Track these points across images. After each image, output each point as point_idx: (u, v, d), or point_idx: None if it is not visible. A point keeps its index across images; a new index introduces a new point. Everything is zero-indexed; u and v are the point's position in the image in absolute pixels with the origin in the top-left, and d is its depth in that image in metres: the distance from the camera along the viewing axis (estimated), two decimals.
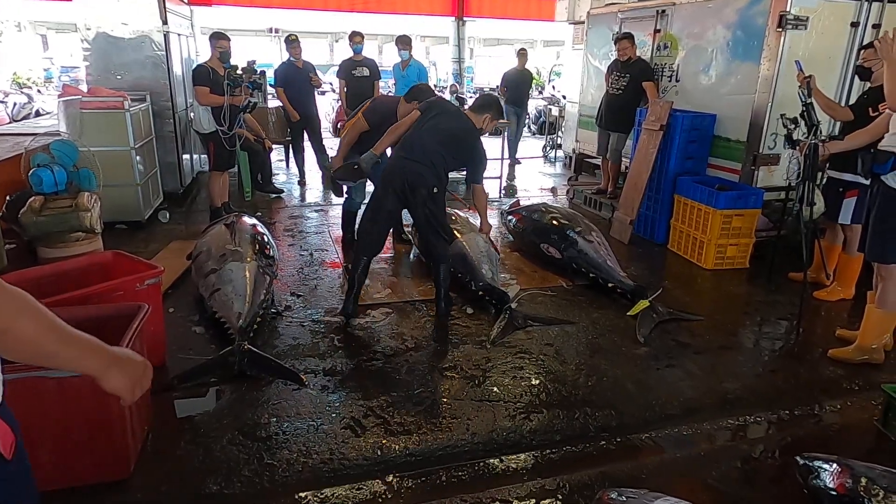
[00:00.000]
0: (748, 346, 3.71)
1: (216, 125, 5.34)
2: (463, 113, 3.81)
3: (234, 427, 2.66)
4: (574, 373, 3.24)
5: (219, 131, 5.37)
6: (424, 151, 3.54)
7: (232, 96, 5.33)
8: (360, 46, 7.14)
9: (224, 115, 5.32)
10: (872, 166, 3.20)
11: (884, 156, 3.13)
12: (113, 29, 5.92)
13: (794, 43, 4.57)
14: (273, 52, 21.21)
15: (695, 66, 5.58)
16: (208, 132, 5.43)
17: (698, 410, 2.95)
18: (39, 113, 13.65)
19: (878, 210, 3.19)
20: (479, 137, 3.76)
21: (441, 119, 3.63)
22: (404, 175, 3.54)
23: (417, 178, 3.52)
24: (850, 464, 2.15)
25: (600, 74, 6.86)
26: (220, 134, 5.38)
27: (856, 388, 3.16)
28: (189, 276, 4.06)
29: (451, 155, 3.63)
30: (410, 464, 2.48)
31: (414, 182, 3.53)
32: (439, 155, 3.56)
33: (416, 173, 3.52)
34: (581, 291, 4.32)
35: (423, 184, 3.53)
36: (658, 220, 5.46)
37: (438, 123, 3.61)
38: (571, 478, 2.39)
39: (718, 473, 2.47)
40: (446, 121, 3.65)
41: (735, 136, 5.09)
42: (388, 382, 3.09)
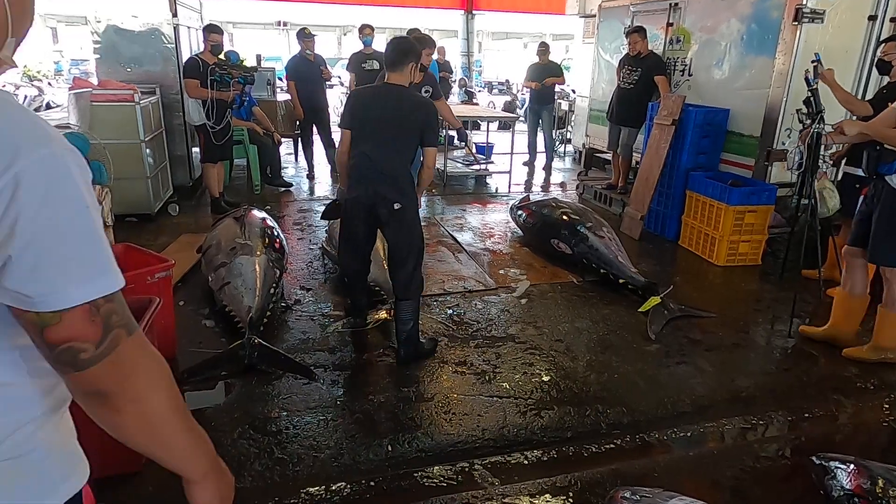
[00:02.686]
0: (760, 343, 3.67)
1: (205, 118, 5.41)
2: (383, 88, 3.16)
3: (244, 421, 2.66)
4: (585, 369, 3.22)
5: (206, 125, 5.44)
6: (372, 164, 3.03)
7: (219, 91, 5.34)
8: (370, 39, 7.10)
9: (210, 109, 5.34)
10: (878, 165, 3.13)
11: (890, 155, 3.05)
12: (123, 21, 5.91)
13: (811, 37, 4.50)
14: (281, 46, 21.21)
15: (708, 61, 5.52)
16: (198, 124, 5.53)
17: (710, 408, 2.93)
18: (50, 106, 13.72)
19: (881, 212, 3.12)
20: (415, 98, 3.16)
21: (369, 115, 3.07)
22: (364, 196, 3.08)
23: (377, 196, 3.04)
24: (868, 465, 2.12)
25: (611, 69, 6.80)
26: (207, 127, 5.44)
27: (871, 388, 3.13)
28: (199, 269, 4.07)
29: (400, 146, 3.06)
30: (421, 459, 2.48)
31: (375, 200, 3.05)
32: (385, 157, 3.03)
33: (373, 192, 3.04)
34: (591, 287, 4.29)
35: (383, 201, 3.03)
36: (669, 215, 5.42)
37: (371, 120, 3.06)
38: (583, 475, 2.38)
39: (731, 472, 2.45)
40: (375, 111, 3.06)
41: (748, 132, 5.04)
42: (398, 377, 3.08)
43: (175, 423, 0.87)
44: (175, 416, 0.86)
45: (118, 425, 0.82)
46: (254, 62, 8.75)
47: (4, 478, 0.81)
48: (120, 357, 0.77)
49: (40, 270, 0.69)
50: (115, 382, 0.78)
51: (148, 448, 0.87)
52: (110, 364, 0.76)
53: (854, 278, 3.36)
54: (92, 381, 0.77)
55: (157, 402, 0.83)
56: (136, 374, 0.80)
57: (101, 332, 0.75)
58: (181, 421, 0.88)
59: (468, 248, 5.10)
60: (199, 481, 0.95)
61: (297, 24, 13.73)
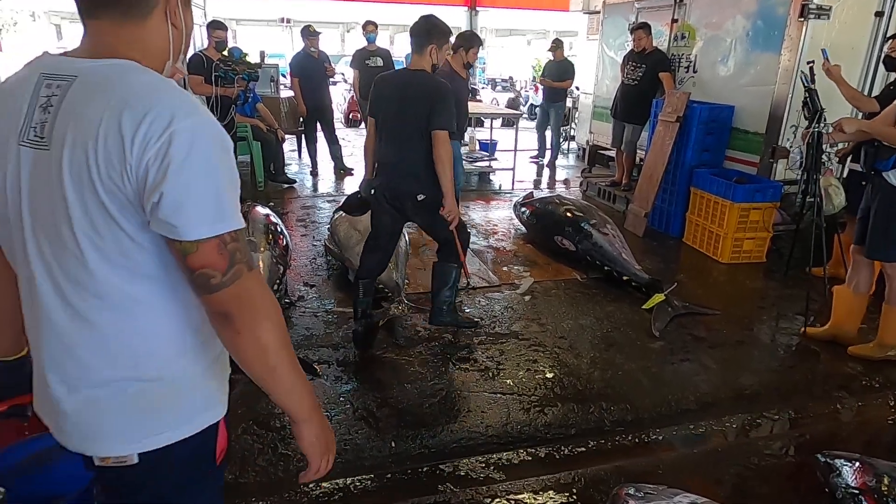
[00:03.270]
0: (765, 340, 3.66)
1: None
2: (404, 73, 3.11)
3: (248, 417, 2.66)
4: (589, 366, 3.21)
5: None
6: (390, 157, 3.02)
7: (223, 87, 5.34)
8: (373, 36, 7.10)
9: (213, 105, 5.34)
10: (875, 161, 3.13)
11: (887, 152, 3.05)
12: None
13: (817, 33, 4.48)
14: (285, 42, 21.20)
15: (713, 57, 5.50)
16: None
17: (714, 405, 2.92)
18: None
19: (878, 207, 3.12)
20: (431, 81, 2.95)
21: (388, 106, 2.98)
22: (386, 189, 3.07)
23: (397, 191, 3.03)
24: (873, 462, 2.11)
25: (615, 65, 6.78)
26: None
27: (876, 386, 3.11)
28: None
29: (415, 137, 2.91)
30: (424, 455, 2.48)
31: (396, 194, 3.04)
32: (402, 151, 2.96)
33: (394, 186, 3.03)
34: (595, 284, 4.28)
35: (405, 194, 3.01)
36: (673, 212, 5.41)
37: (387, 109, 2.98)
38: (586, 472, 2.38)
39: (735, 470, 2.44)
40: (390, 99, 2.98)
41: (753, 129, 5.02)
42: (401, 374, 3.08)
43: (284, 358, 1.01)
44: (284, 350, 1.01)
45: (238, 347, 0.98)
46: (257, 59, 8.75)
47: (149, 397, 1.00)
48: (241, 286, 0.94)
49: (183, 207, 0.88)
50: (236, 306, 0.94)
51: (262, 376, 1.01)
52: (233, 290, 0.94)
53: (859, 276, 3.35)
54: (218, 304, 0.94)
55: (270, 332, 0.98)
56: (254, 302, 0.96)
57: (227, 263, 0.93)
58: (289, 357, 1.02)
59: (472, 244, 5.09)
60: (304, 420, 1.08)
61: (301, 20, 13.72)
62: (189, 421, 1.04)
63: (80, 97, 0.91)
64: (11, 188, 0.96)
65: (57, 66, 0.96)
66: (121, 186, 0.88)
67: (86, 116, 0.89)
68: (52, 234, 0.94)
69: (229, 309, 0.95)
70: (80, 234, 0.91)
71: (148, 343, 0.99)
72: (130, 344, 0.98)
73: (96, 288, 0.95)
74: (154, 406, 1.01)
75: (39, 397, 1.07)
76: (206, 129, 0.92)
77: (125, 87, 0.91)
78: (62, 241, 0.93)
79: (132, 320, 0.97)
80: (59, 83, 0.94)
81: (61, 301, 0.97)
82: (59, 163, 0.90)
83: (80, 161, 0.88)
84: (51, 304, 0.97)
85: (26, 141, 0.94)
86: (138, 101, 0.89)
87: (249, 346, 0.97)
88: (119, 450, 1.01)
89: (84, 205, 0.90)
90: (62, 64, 0.96)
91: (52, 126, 0.92)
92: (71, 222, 0.91)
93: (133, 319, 0.97)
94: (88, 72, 0.93)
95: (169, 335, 1.01)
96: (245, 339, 0.96)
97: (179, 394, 1.03)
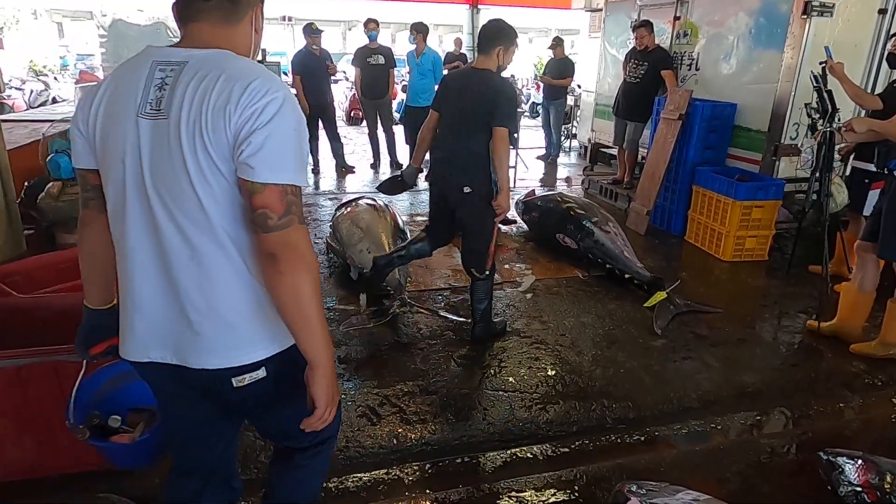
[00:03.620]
0: (767, 339, 3.66)
1: None
2: (471, 72, 3.19)
3: None
4: (590, 364, 3.21)
5: None
6: (444, 149, 3.19)
7: None
8: (375, 34, 7.09)
9: None
10: (887, 160, 3.13)
11: None
12: (128, 16, 5.93)
13: (820, 30, 4.46)
14: (286, 41, 21.18)
15: (715, 55, 5.48)
16: None
17: (716, 403, 2.92)
18: (56, 100, 13.73)
19: (889, 206, 3.11)
20: (495, 81, 3.07)
21: (452, 101, 3.14)
22: (436, 179, 3.31)
23: (446, 182, 3.18)
24: (876, 460, 2.11)
25: (617, 63, 6.77)
26: None
27: (878, 384, 3.11)
28: None
29: (473, 133, 3.04)
30: (426, 453, 2.48)
31: (445, 186, 3.20)
32: (457, 145, 3.09)
33: (444, 176, 3.20)
34: (597, 282, 4.28)
35: (453, 185, 3.14)
36: (675, 211, 5.40)
37: (451, 105, 3.14)
38: (588, 469, 2.37)
39: (737, 468, 2.44)
40: (456, 99, 3.12)
41: (756, 126, 5.01)
42: (403, 371, 3.08)
43: (315, 306, 1.18)
44: (316, 300, 1.18)
45: (279, 287, 1.16)
46: (259, 57, 8.74)
47: (230, 328, 1.23)
48: (290, 233, 1.14)
49: (260, 154, 1.11)
50: (283, 250, 1.14)
51: (293, 319, 1.18)
52: (284, 235, 1.14)
53: (865, 273, 3.33)
54: (270, 245, 1.14)
55: (307, 281, 1.16)
56: (298, 251, 1.15)
57: (284, 210, 1.14)
58: (319, 307, 1.20)
59: None
60: (321, 366, 1.23)
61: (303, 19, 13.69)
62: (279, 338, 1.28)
63: (192, 74, 1.15)
64: (132, 155, 1.18)
65: (168, 54, 1.20)
66: (223, 140, 1.12)
67: (199, 88, 1.13)
68: (172, 186, 1.16)
69: (277, 251, 1.14)
70: (196, 183, 1.15)
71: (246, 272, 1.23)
72: (234, 274, 1.22)
73: (211, 229, 1.18)
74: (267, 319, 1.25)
75: (134, 329, 1.28)
76: (291, 102, 1.17)
77: (232, 66, 1.16)
78: (182, 190, 1.16)
79: (233, 254, 1.20)
80: (172, 67, 1.18)
81: (183, 240, 1.19)
82: (176, 127, 1.13)
83: (195, 123, 1.12)
84: (174, 243, 1.19)
85: (144, 114, 1.17)
86: (245, 75, 1.14)
87: (288, 289, 1.15)
88: (236, 359, 1.24)
89: (196, 159, 1.13)
90: (172, 53, 1.20)
91: (170, 100, 1.15)
92: (189, 173, 1.14)
93: (233, 254, 1.20)
94: (197, 56, 1.18)
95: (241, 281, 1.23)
96: (285, 281, 1.15)
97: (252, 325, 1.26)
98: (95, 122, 1.23)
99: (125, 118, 1.18)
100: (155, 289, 1.24)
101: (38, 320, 2.42)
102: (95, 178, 1.30)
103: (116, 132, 1.20)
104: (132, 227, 1.23)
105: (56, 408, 2.14)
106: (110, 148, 1.21)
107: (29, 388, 2.10)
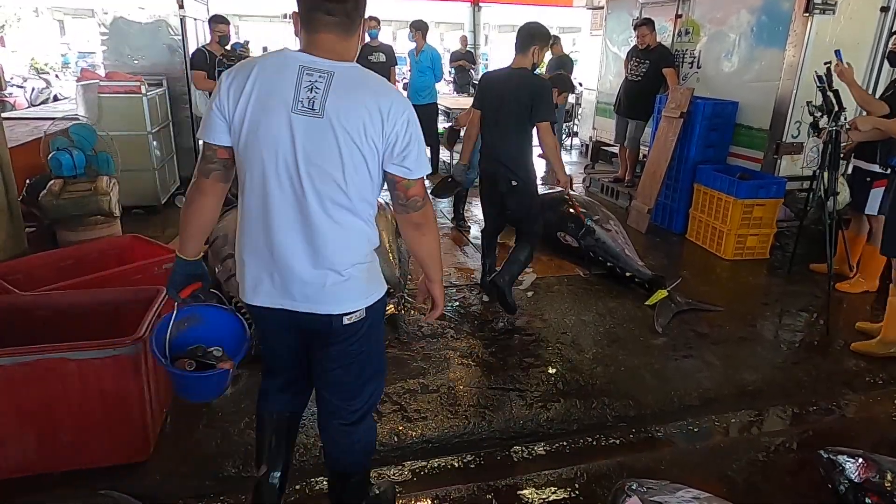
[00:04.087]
0: (768, 337, 3.65)
1: None
2: (509, 72, 3.46)
3: (251, 411, 2.64)
4: (591, 362, 3.21)
5: None
6: (490, 146, 3.52)
7: None
8: (375, 31, 7.07)
9: None
10: (889, 157, 3.13)
11: None
12: (130, 13, 5.92)
13: (822, 28, 4.45)
14: (288, 38, 21.15)
15: (717, 53, 5.47)
16: None
17: (717, 401, 2.92)
18: (57, 98, 13.74)
19: (892, 203, 3.10)
20: (532, 78, 3.40)
21: (493, 100, 3.42)
22: (485, 174, 3.63)
23: (493, 176, 3.53)
24: (876, 458, 2.10)
25: (619, 61, 6.76)
26: None
27: (879, 383, 3.11)
28: (206, 260, 4.08)
29: (513, 129, 3.37)
30: (427, 451, 2.48)
31: (493, 179, 3.55)
32: (502, 141, 3.43)
33: (491, 171, 3.54)
34: (598, 280, 4.28)
35: (500, 179, 3.50)
36: (677, 209, 5.39)
37: (492, 103, 3.42)
38: (589, 467, 2.38)
39: (738, 465, 2.44)
40: (497, 98, 3.40)
41: (758, 125, 5.00)
42: (404, 369, 3.08)
43: (438, 251, 1.76)
44: (438, 246, 1.75)
45: (421, 243, 1.70)
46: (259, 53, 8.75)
47: (365, 274, 1.64)
48: (427, 210, 1.65)
49: (411, 159, 1.54)
50: (425, 219, 1.65)
51: (426, 260, 1.75)
52: (425, 210, 1.64)
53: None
54: (418, 217, 1.63)
55: (435, 238, 1.73)
56: (430, 218, 1.67)
57: (424, 194, 1.63)
58: (439, 251, 1.77)
59: (474, 240, 5.09)
60: (437, 281, 1.80)
61: None
62: (379, 288, 1.72)
63: (344, 86, 1.46)
64: (285, 142, 1.47)
65: (312, 62, 1.47)
66: (376, 144, 1.50)
67: (353, 99, 1.46)
68: (321, 172, 1.49)
69: (421, 220, 1.65)
70: (347, 172, 1.49)
71: (366, 238, 1.63)
72: (360, 239, 1.61)
73: (349, 205, 1.54)
74: (370, 278, 1.67)
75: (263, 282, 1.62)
76: (414, 114, 1.55)
77: (373, 83, 1.52)
78: (330, 177, 1.49)
79: (361, 224, 1.59)
80: (319, 74, 1.46)
81: (325, 214, 1.53)
82: (332, 127, 1.45)
83: (354, 127, 1.46)
84: (317, 214, 1.52)
85: (298, 111, 1.46)
86: (385, 93, 1.51)
87: (426, 243, 1.70)
88: (346, 306, 1.62)
89: (350, 154, 1.48)
90: (315, 62, 1.47)
91: (323, 103, 1.45)
92: (342, 163, 1.48)
93: (361, 224, 1.59)
94: (342, 69, 1.47)
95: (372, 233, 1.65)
96: (426, 239, 1.70)
97: (377, 271, 1.71)
98: (245, 111, 1.48)
99: (278, 112, 1.46)
100: (292, 251, 1.55)
101: (39, 318, 2.43)
102: (224, 153, 1.57)
103: (269, 122, 1.47)
104: (279, 198, 1.52)
105: (56, 405, 2.14)
106: (262, 134, 1.48)
107: (30, 386, 2.10)
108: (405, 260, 4.18)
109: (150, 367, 2.27)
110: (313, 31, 1.49)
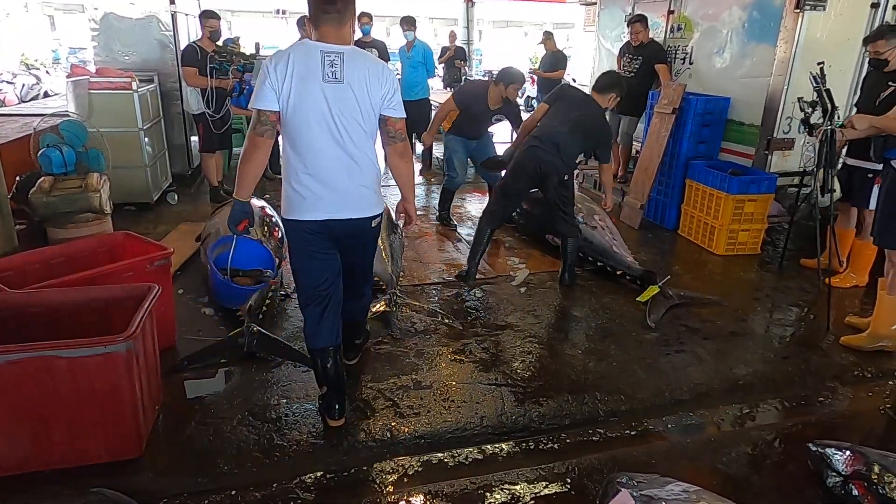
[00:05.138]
0: (759, 332, 3.68)
1: (204, 107, 5.35)
2: (589, 98, 4.07)
3: (243, 408, 2.67)
4: (583, 357, 3.23)
5: (206, 113, 5.38)
6: (555, 141, 3.86)
7: (219, 79, 5.31)
8: (368, 27, 7.05)
9: (209, 98, 5.31)
10: (884, 150, 3.16)
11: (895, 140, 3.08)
12: (120, 9, 5.87)
13: (812, 24, 4.46)
14: (280, 34, 21.03)
15: (709, 49, 5.48)
16: (197, 113, 5.46)
17: (708, 396, 2.94)
18: (48, 94, 13.65)
19: (886, 195, 3.14)
20: (604, 119, 4.14)
21: (570, 108, 3.96)
22: (537, 163, 3.89)
23: (549, 167, 3.87)
24: (863, 451, 2.13)
25: (612, 57, 6.76)
26: (207, 116, 5.38)
27: (868, 376, 3.14)
28: (198, 258, 4.07)
29: (579, 142, 3.94)
30: (419, 446, 2.49)
31: (546, 170, 3.89)
32: (568, 143, 3.87)
33: (548, 162, 3.87)
34: (590, 276, 4.29)
35: (554, 172, 3.89)
36: (669, 204, 5.41)
37: (568, 113, 3.94)
38: (580, 462, 2.39)
39: (728, 459, 2.46)
40: (574, 109, 3.95)
41: (749, 120, 5.01)
42: (397, 365, 3.09)
43: (412, 177, 2.61)
44: (413, 173, 2.61)
45: (402, 167, 2.48)
46: (252, 49, 8.69)
47: (377, 189, 2.45)
48: (407, 142, 2.45)
49: (395, 102, 2.34)
50: (405, 149, 2.45)
51: (406, 181, 2.54)
52: (405, 142, 2.43)
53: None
54: (401, 147, 2.42)
55: (412, 164, 2.57)
56: (409, 149, 2.50)
57: (405, 130, 2.43)
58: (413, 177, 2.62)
59: (467, 237, 5.09)
60: (412, 201, 2.58)
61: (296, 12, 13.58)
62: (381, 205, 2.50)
63: (353, 61, 2.21)
64: (321, 104, 2.19)
65: (327, 48, 2.18)
66: (378, 100, 2.27)
67: (360, 69, 2.21)
68: (349, 120, 2.25)
69: (404, 150, 2.43)
70: (364, 122, 2.28)
71: (376, 166, 2.41)
72: (374, 166, 2.39)
73: (364, 144, 2.31)
74: (379, 194, 2.46)
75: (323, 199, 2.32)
76: (395, 77, 2.31)
77: (370, 59, 2.28)
78: (354, 122, 2.26)
79: (373, 157, 2.38)
80: (336, 55, 2.18)
81: (354, 147, 2.29)
82: (351, 90, 2.21)
83: (364, 89, 2.22)
84: (349, 150, 2.29)
85: (327, 81, 2.18)
86: (379, 62, 2.30)
87: (406, 168, 2.49)
88: (374, 211, 2.44)
89: (366, 108, 2.26)
90: (330, 48, 2.18)
91: (343, 74, 2.18)
92: (361, 117, 2.26)
93: (373, 157, 2.38)
94: (348, 51, 2.21)
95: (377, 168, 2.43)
96: (406, 164, 2.48)
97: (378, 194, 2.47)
98: (290, 84, 2.15)
99: (314, 83, 2.16)
100: (339, 176, 2.30)
101: (30, 316, 2.42)
102: (274, 117, 2.22)
103: (309, 91, 2.16)
104: (324, 143, 2.25)
105: (47, 403, 2.14)
106: (307, 99, 2.17)
107: (21, 383, 2.09)
108: (398, 257, 4.19)
109: (142, 365, 2.27)
110: (319, 27, 2.19)
